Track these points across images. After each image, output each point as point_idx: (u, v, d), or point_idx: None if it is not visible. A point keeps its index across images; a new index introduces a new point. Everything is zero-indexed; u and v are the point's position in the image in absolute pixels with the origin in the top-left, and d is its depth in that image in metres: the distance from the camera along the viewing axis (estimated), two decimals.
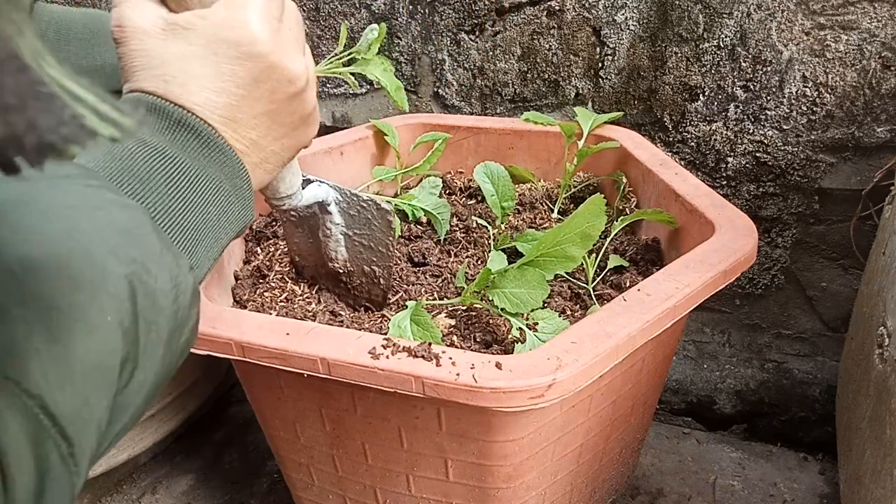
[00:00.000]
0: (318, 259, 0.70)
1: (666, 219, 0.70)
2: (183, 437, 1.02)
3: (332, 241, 0.68)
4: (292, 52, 0.43)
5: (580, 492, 0.69)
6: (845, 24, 0.82)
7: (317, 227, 0.67)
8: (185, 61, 0.39)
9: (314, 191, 0.64)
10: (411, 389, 0.47)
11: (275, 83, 0.42)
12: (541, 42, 0.97)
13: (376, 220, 0.65)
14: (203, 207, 0.38)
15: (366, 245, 0.67)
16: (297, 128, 0.46)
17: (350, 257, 0.69)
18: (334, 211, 0.66)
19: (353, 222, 0.67)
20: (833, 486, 0.89)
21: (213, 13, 0.40)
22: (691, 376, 1.07)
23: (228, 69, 0.40)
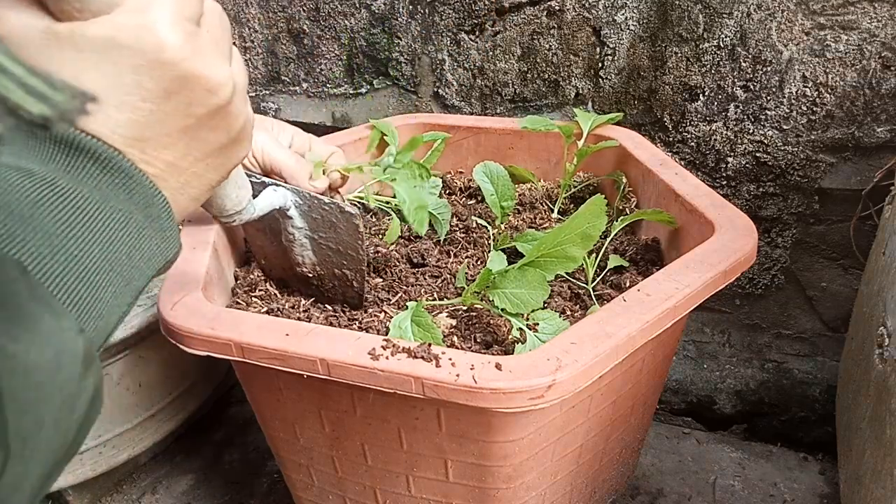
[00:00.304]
0: (285, 262, 0.67)
1: (666, 219, 0.70)
2: (183, 437, 1.02)
3: (296, 246, 0.64)
4: (213, 57, 0.37)
5: (580, 492, 0.69)
6: (845, 24, 0.82)
7: (279, 230, 0.64)
8: (76, 72, 0.33)
9: (270, 197, 0.59)
10: (411, 390, 0.47)
11: (191, 95, 0.36)
12: (541, 42, 0.97)
13: (341, 223, 0.61)
14: (105, 247, 0.32)
15: (333, 248, 0.64)
16: (223, 146, 0.40)
17: (319, 261, 0.65)
18: (295, 215, 0.62)
19: (318, 226, 0.63)
20: (833, 486, 0.89)
21: (109, 18, 0.33)
22: (691, 376, 1.07)
23: (132, 80, 0.34)
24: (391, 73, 1.07)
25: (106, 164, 0.33)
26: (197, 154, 0.38)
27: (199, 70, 0.35)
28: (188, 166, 0.38)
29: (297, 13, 1.08)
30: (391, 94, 1.10)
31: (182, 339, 0.53)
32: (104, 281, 0.32)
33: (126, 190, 0.34)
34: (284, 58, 1.13)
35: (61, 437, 0.28)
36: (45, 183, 0.30)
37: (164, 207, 0.36)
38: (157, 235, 0.36)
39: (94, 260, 0.32)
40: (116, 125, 0.33)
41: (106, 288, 0.32)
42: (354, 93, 1.12)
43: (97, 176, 0.33)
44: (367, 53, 1.07)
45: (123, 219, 0.33)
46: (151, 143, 0.35)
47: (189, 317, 0.53)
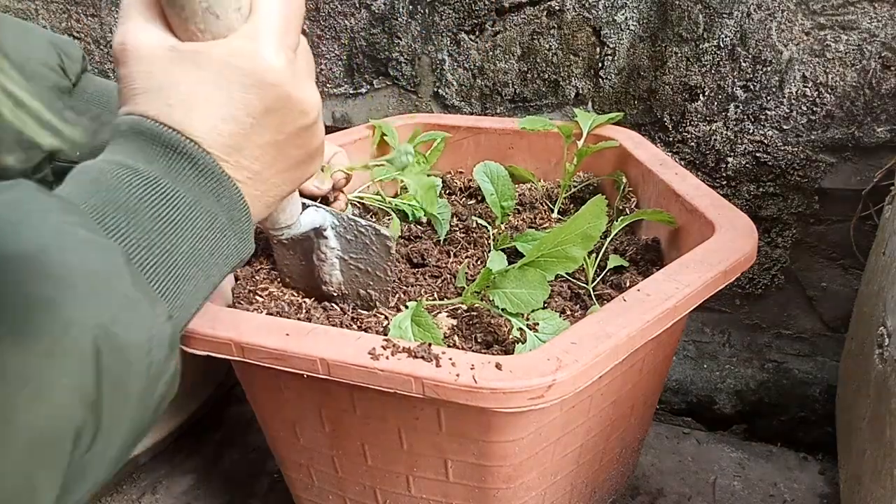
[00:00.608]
0: (309, 282, 0.69)
1: (666, 219, 0.70)
2: (183, 437, 1.02)
3: (326, 265, 0.67)
4: (306, 82, 0.42)
5: (580, 492, 0.69)
6: (845, 24, 0.82)
7: (311, 250, 0.66)
8: (192, 85, 0.37)
9: (311, 216, 0.62)
10: (411, 390, 0.47)
11: (286, 114, 0.40)
12: (541, 42, 0.97)
13: (375, 245, 0.64)
14: (194, 242, 0.36)
15: (363, 269, 0.66)
16: (302, 161, 0.44)
17: (345, 280, 0.67)
18: (331, 235, 0.65)
19: (350, 247, 0.65)
20: (833, 486, 0.89)
21: (226, 42, 0.38)
22: (691, 376, 1.07)
23: (240, 97, 0.38)
24: (391, 73, 1.07)
25: (202, 168, 0.37)
26: (280, 166, 0.42)
27: (296, 92, 0.40)
28: (270, 176, 0.41)
29: None
30: (391, 94, 1.10)
31: (182, 339, 0.53)
32: (188, 274, 0.35)
33: (215, 194, 0.38)
34: None
35: (143, 412, 0.31)
36: (149, 182, 0.34)
37: (245, 211, 0.40)
38: (237, 237, 0.40)
39: (183, 254, 0.35)
40: (220, 135, 0.37)
41: (189, 280, 0.35)
42: (354, 93, 1.12)
43: (193, 178, 0.36)
44: (367, 53, 1.07)
45: (210, 219, 0.37)
46: (245, 153, 0.39)
47: None
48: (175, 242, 0.35)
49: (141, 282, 0.31)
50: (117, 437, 0.29)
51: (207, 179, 0.37)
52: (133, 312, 0.29)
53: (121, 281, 0.30)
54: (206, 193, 0.37)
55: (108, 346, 0.27)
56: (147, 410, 0.32)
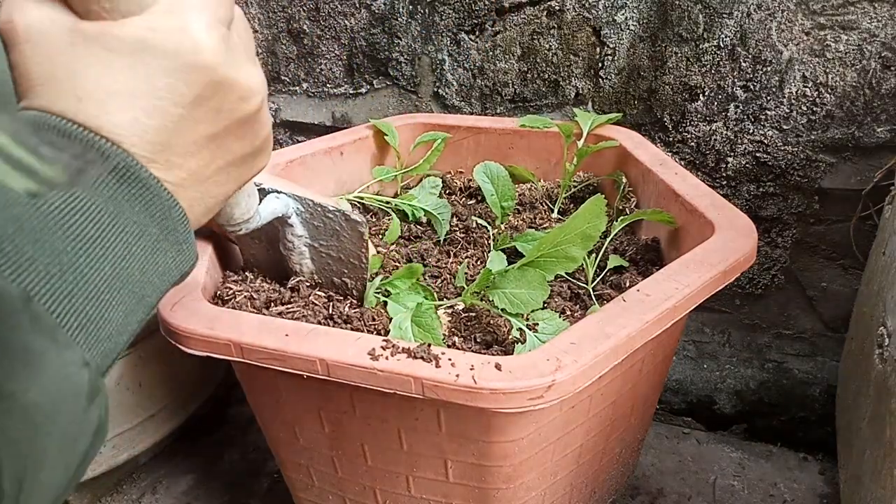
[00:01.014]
0: (280, 272, 0.64)
1: (666, 219, 0.70)
2: (183, 437, 1.02)
3: (295, 255, 0.62)
4: (246, 63, 0.36)
5: (580, 492, 0.69)
6: (845, 24, 0.82)
7: (277, 238, 0.61)
8: (104, 73, 0.31)
9: (272, 205, 0.57)
10: (411, 390, 0.47)
11: (223, 101, 0.35)
12: (541, 42, 0.97)
13: (345, 231, 0.59)
14: (118, 263, 0.30)
15: (334, 256, 0.61)
16: (246, 156, 0.38)
17: (317, 269, 0.63)
18: (296, 223, 0.60)
19: (319, 234, 0.60)
20: (833, 486, 0.89)
21: (142, 18, 0.32)
22: (691, 376, 1.07)
23: (164, 84, 0.32)
24: (391, 73, 1.07)
25: (125, 174, 0.31)
26: (221, 163, 0.37)
27: (233, 76, 0.34)
28: (210, 175, 0.36)
29: (297, 13, 1.08)
30: (391, 94, 1.10)
31: (182, 340, 0.53)
32: (115, 299, 0.30)
33: (142, 201, 0.32)
34: (284, 58, 1.13)
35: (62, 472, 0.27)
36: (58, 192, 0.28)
37: (181, 219, 0.34)
38: (173, 248, 0.34)
39: (105, 278, 0.29)
40: (145, 131, 0.32)
41: (116, 307, 0.30)
42: (354, 93, 1.12)
43: (113, 186, 0.30)
44: (367, 53, 1.07)
45: (138, 232, 0.31)
46: (178, 151, 0.34)
47: (189, 317, 0.53)
48: (93, 265, 0.29)
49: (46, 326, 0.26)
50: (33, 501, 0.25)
51: (130, 186, 0.31)
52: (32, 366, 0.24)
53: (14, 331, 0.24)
54: (130, 202, 0.31)
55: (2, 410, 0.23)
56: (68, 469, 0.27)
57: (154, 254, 0.33)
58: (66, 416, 0.26)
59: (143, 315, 0.33)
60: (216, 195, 0.38)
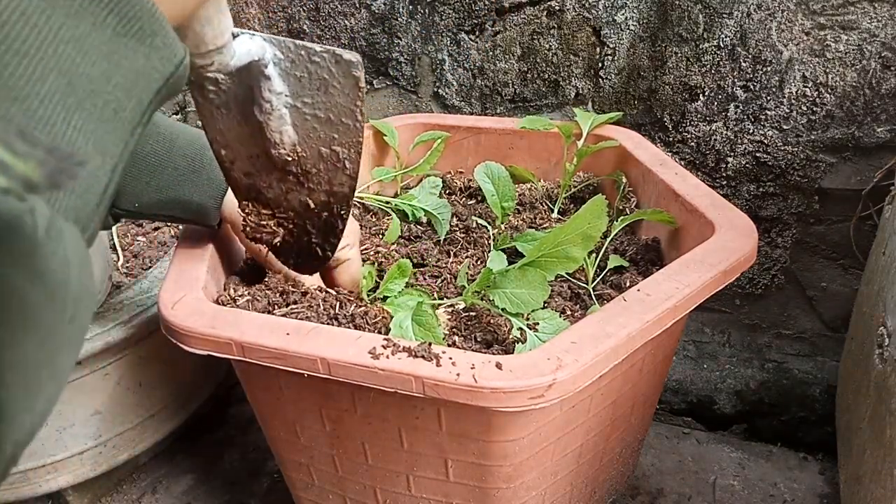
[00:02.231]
0: (252, 148, 0.53)
1: (666, 219, 0.70)
2: (183, 437, 1.02)
3: (273, 119, 0.51)
4: None
5: (580, 492, 0.69)
6: (845, 24, 0.82)
7: (249, 103, 0.50)
8: None
9: (246, 45, 0.46)
10: (411, 389, 0.47)
11: None
12: (541, 42, 0.97)
13: (336, 78, 0.49)
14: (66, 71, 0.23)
15: (322, 118, 0.51)
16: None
17: (300, 138, 0.52)
18: (274, 75, 0.49)
19: (303, 88, 0.50)
20: (833, 486, 0.89)
21: None
22: (691, 376, 1.07)
23: None
24: (391, 73, 1.08)
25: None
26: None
27: None
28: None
29: (297, 13, 1.08)
30: (391, 94, 1.10)
31: (182, 339, 0.53)
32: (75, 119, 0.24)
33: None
34: None
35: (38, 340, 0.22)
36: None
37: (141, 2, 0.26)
38: (143, 44, 0.27)
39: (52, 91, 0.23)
40: None
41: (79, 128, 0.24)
42: None
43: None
44: (367, 53, 1.07)
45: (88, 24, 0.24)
46: None
47: (189, 316, 0.53)
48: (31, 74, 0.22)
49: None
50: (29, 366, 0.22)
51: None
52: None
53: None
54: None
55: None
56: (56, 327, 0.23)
57: (116, 53, 0.26)
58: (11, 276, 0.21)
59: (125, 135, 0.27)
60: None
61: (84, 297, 0.24)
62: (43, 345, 0.22)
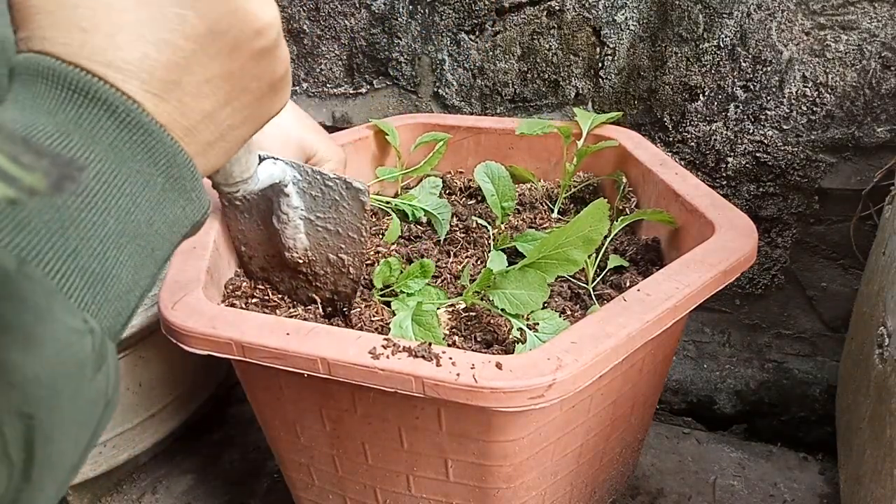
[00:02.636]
0: (269, 249, 0.61)
1: (666, 219, 0.70)
2: (183, 437, 1.02)
3: (289, 228, 0.58)
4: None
5: (580, 492, 0.69)
6: (845, 24, 0.82)
7: (269, 212, 0.58)
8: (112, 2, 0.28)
9: (269, 169, 0.53)
10: (411, 389, 0.47)
11: (238, 35, 0.32)
12: (541, 42, 0.97)
13: (346, 200, 0.57)
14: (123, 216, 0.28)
15: (331, 230, 0.59)
16: (264, 95, 0.36)
17: (312, 245, 0.60)
18: (292, 192, 0.56)
19: (316, 205, 0.57)
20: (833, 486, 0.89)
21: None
22: (691, 376, 1.07)
23: (174, 14, 0.29)
24: (391, 73, 1.08)
25: (123, 118, 0.28)
26: (236, 104, 0.34)
27: (247, 6, 0.32)
28: (225, 118, 0.34)
29: (297, 13, 1.08)
30: (391, 94, 1.10)
31: (183, 339, 0.53)
32: (122, 255, 0.28)
33: (145, 149, 0.29)
34: None
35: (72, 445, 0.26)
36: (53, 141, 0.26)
37: (187, 166, 0.32)
38: (182, 198, 0.32)
39: (110, 233, 0.27)
40: (154, 67, 0.29)
41: (124, 263, 0.28)
42: (354, 93, 1.12)
43: (113, 132, 0.28)
44: (367, 53, 1.07)
45: (142, 182, 0.29)
46: (190, 90, 0.31)
47: (190, 316, 0.53)
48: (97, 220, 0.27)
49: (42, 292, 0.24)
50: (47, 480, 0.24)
51: (132, 132, 0.29)
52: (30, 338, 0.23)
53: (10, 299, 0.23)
54: (132, 150, 0.29)
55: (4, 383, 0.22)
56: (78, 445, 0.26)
57: (161, 204, 0.30)
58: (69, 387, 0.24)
59: (155, 270, 0.31)
60: (231, 140, 0.36)
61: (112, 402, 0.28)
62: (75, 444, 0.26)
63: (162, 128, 0.30)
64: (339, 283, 0.62)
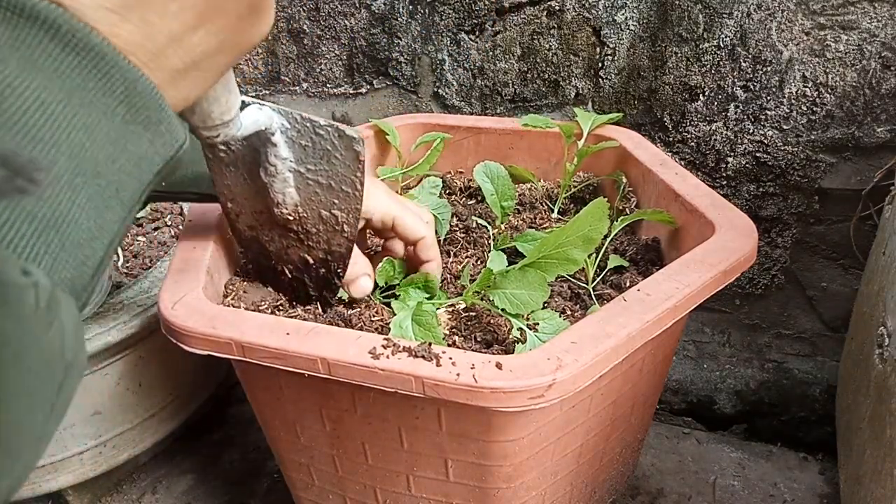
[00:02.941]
0: (257, 204, 0.57)
1: (666, 219, 0.70)
2: (183, 437, 1.02)
3: (277, 181, 0.54)
4: None
5: (580, 492, 0.69)
6: (845, 24, 0.82)
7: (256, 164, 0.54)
8: None
9: (254, 116, 0.49)
10: (411, 389, 0.47)
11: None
12: (541, 42, 0.97)
13: (338, 150, 0.53)
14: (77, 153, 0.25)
15: (323, 184, 0.54)
16: (242, 17, 0.32)
17: (302, 200, 0.56)
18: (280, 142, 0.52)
19: (306, 156, 0.53)
20: (833, 486, 0.89)
21: None
22: (691, 376, 1.07)
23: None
24: (391, 73, 1.08)
25: (69, 39, 0.25)
26: (210, 26, 0.30)
27: None
28: (198, 42, 0.30)
29: (297, 13, 1.08)
30: (391, 94, 1.10)
31: (183, 339, 0.53)
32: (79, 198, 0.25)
33: (98, 75, 0.26)
34: (284, 58, 1.13)
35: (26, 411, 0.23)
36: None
37: (151, 95, 0.28)
38: (148, 131, 0.29)
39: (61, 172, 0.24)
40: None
41: (82, 206, 0.25)
42: (354, 93, 1.12)
43: (58, 56, 0.25)
44: (367, 53, 1.07)
45: (98, 114, 0.26)
46: (155, 8, 0.28)
47: (190, 316, 0.53)
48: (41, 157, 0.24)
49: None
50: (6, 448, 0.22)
51: (80, 56, 0.25)
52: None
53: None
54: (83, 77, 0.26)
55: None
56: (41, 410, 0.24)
57: (123, 138, 0.27)
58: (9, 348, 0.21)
59: (124, 213, 0.28)
60: (207, 69, 0.32)
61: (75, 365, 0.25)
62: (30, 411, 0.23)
63: (117, 51, 0.27)
64: (333, 241, 0.58)
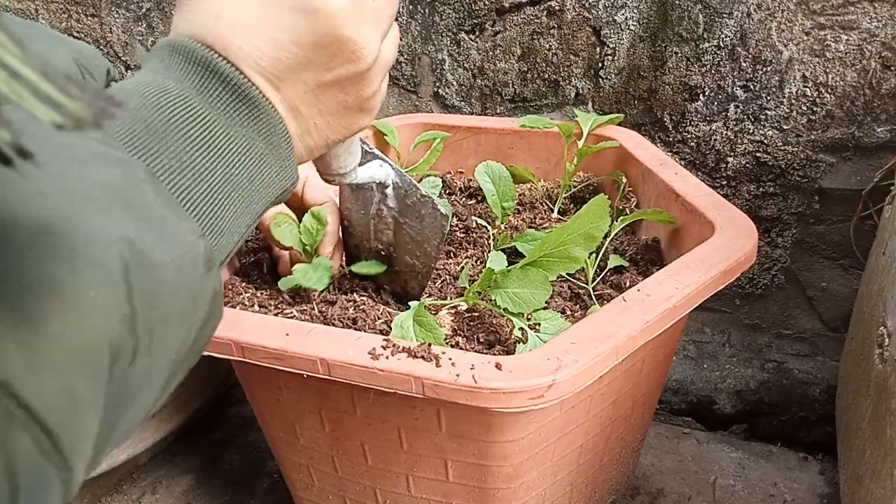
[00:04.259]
0: (365, 231, 0.69)
1: (666, 219, 0.70)
2: (183, 437, 1.02)
3: (381, 223, 0.67)
4: (367, 27, 0.38)
5: (580, 492, 0.69)
6: (845, 24, 0.82)
7: (370, 202, 0.66)
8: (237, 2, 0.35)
9: (374, 170, 0.61)
10: (411, 390, 0.47)
11: (335, 53, 0.37)
12: (541, 42, 0.97)
13: (429, 217, 0.63)
14: (229, 169, 0.34)
15: (413, 238, 0.66)
16: (349, 110, 0.41)
17: (396, 243, 0.67)
18: (390, 194, 0.65)
19: (407, 211, 0.65)
20: (833, 486, 0.89)
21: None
22: (691, 376, 1.07)
23: (290, 21, 0.35)
24: (391, 73, 1.07)
25: (236, 90, 0.35)
26: (322, 108, 0.40)
27: (350, 34, 0.37)
28: (311, 117, 0.39)
29: None
30: (391, 94, 1.10)
31: None
32: (226, 200, 0.34)
33: (251, 118, 0.36)
34: None
35: (184, 333, 0.30)
36: (179, 102, 0.33)
37: (284, 137, 0.38)
38: (277, 164, 0.37)
39: (217, 180, 0.33)
40: (261, 58, 0.35)
41: (227, 207, 0.34)
42: None
43: (227, 101, 0.35)
44: None
45: (246, 144, 0.35)
46: (286, 86, 0.37)
47: None
48: (208, 166, 0.33)
49: (166, 198, 0.29)
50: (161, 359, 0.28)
51: (241, 103, 0.35)
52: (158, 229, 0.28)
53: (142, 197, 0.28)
54: (241, 117, 0.35)
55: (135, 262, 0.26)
56: (190, 332, 0.30)
57: (260, 166, 0.36)
58: (186, 278, 0.29)
59: (250, 221, 0.36)
60: (316, 139, 0.41)
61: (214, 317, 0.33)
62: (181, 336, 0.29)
63: (268, 102, 0.36)
64: (409, 283, 0.69)
